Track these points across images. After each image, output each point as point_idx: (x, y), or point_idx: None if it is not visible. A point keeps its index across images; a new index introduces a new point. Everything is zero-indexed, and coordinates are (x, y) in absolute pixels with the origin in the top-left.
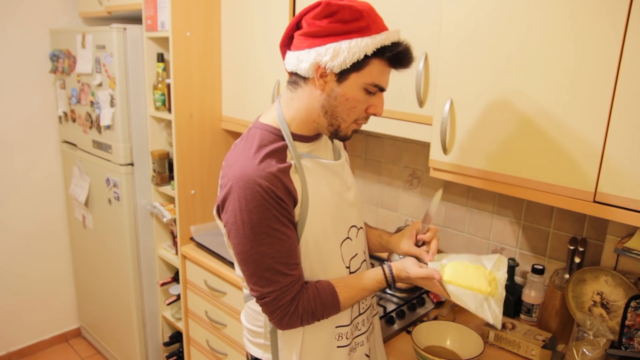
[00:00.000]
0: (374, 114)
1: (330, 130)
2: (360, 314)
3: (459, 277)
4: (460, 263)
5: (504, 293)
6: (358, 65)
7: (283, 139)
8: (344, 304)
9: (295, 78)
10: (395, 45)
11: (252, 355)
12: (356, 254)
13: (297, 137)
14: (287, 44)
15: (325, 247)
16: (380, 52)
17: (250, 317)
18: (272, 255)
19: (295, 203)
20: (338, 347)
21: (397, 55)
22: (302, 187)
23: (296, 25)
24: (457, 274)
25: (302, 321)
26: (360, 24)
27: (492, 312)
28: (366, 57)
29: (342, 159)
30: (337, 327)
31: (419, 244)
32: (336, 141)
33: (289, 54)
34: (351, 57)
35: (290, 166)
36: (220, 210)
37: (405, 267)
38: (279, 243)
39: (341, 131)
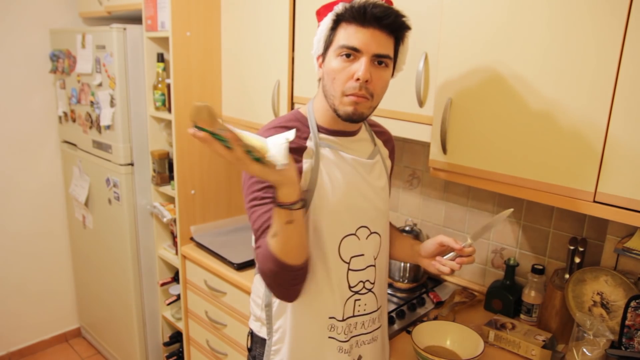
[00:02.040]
0: (357, 79)
1: (336, 114)
2: (354, 316)
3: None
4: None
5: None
6: (329, 41)
7: (308, 128)
8: (271, 243)
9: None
10: (354, 4)
11: (251, 329)
12: (362, 255)
13: (321, 129)
14: None
15: (323, 236)
16: (341, 17)
17: (255, 287)
18: (257, 217)
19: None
20: (330, 337)
21: (353, 11)
22: (312, 172)
23: None
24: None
25: (264, 273)
26: (330, 9)
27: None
28: (332, 30)
29: (373, 160)
30: (330, 317)
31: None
32: (379, 147)
33: None
34: (321, 35)
35: (304, 148)
36: None
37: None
38: (265, 206)
39: (339, 110)
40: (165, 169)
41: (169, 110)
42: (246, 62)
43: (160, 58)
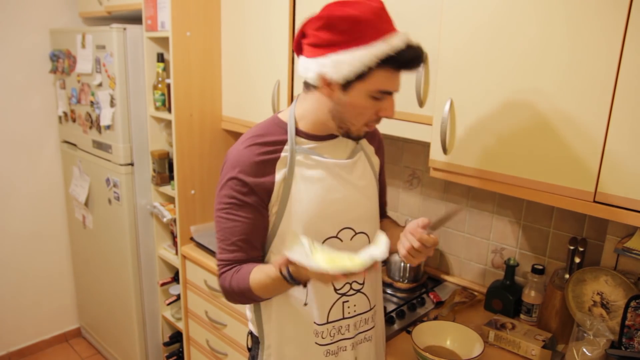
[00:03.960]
0: (386, 117)
1: (341, 132)
2: (344, 318)
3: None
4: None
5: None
6: (362, 76)
7: (286, 133)
8: (252, 285)
9: (307, 82)
10: (400, 51)
11: (250, 330)
12: None
13: (302, 134)
14: (298, 49)
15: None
16: (384, 61)
17: None
18: (221, 230)
19: (269, 193)
20: (316, 343)
21: (401, 61)
22: (285, 181)
23: (302, 34)
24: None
25: (230, 295)
26: (361, 33)
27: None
28: (370, 67)
29: (354, 159)
30: (314, 322)
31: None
32: (362, 145)
33: (300, 59)
34: (353, 68)
35: (277, 158)
36: None
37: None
38: (230, 222)
39: (352, 133)
40: (165, 169)
41: (169, 110)
42: (246, 62)
43: (160, 58)
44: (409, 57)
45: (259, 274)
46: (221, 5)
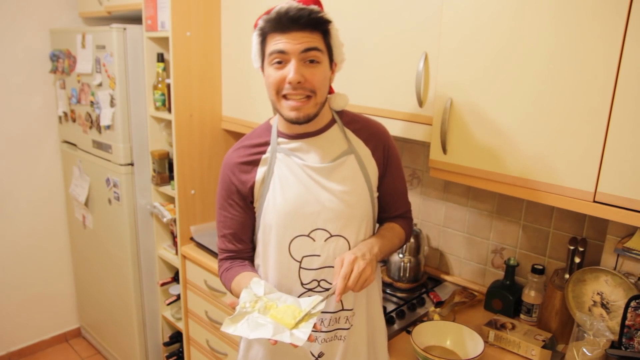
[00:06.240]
0: (289, 82)
1: (285, 119)
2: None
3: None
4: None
5: (312, 321)
6: (262, 53)
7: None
8: (232, 291)
9: None
10: (269, 16)
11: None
12: (317, 255)
13: (283, 135)
14: None
15: (273, 235)
16: (264, 31)
17: None
18: (219, 221)
19: (251, 191)
20: None
21: (272, 23)
22: (265, 179)
23: None
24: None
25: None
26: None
27: (294, 337)
28: (261, 43)
29: (335, 163)
30: None
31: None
32: (356, 147)
33: None
34: (255, 49)
35: (259, 159)
36: None
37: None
38: (224, 217)
39: (283, 115)
40: (165, 169)
41: (169, 110)
42: (246, 62)
43: (160, 58)
44: (278, 17)
45: (236, 288)
46: (221, 5)
